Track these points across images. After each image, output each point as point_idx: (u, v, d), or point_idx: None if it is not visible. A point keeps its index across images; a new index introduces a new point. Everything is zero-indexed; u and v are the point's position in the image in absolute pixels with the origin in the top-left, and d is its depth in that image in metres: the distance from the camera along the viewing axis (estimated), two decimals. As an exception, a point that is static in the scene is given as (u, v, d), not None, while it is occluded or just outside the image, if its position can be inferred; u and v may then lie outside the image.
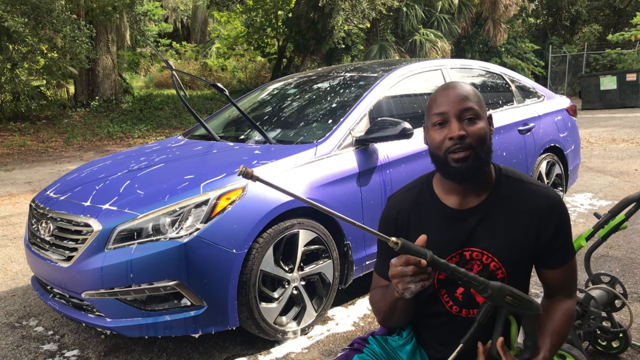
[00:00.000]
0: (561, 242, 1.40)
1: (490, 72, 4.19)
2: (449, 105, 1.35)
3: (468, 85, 1.40)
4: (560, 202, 1.40)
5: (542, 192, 1.40)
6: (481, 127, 1.34)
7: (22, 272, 3.79)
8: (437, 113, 1.36)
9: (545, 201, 1.39)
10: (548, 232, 1.38)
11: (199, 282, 2.29)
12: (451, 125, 1.34)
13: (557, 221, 1.38)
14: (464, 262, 1.41)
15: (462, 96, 1.35)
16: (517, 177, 1.44)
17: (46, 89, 14.38)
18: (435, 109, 1.37)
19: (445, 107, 1.35)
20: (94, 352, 2.61)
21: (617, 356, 2.30)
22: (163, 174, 2.70)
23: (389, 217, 1.50)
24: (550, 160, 4.25)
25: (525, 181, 1.43)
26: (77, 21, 11.67)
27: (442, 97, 1.37)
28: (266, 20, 16.73)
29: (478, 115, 1.35)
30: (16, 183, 7.42)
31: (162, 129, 13.12)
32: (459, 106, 1.34)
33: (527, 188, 1.41)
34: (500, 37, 19.95)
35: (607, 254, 3.61)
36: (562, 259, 1.41)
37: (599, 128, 10.83)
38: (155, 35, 22.82)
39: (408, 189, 1.52)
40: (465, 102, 1.34)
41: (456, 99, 1.35)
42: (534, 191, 1.41)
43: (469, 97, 1.36)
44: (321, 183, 2.69)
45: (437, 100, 1.38)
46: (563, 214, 1.40)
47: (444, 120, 1.35)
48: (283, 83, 4.02)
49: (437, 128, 1.36)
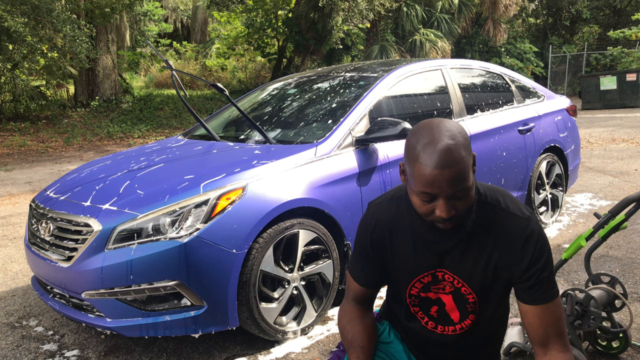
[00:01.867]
0: (537, 278, 1.31)
1: (490, 72, 4.19)
2: (440, 189, 1.18)
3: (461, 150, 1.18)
4: (538, 235, 1.31)
5: (519, 222, 1.32)
6: (471, 197, 1.24)
7: (22, 272, 3.79)
8: (425, 192, 1.20)
9: (520, 232, 1.31)
10: (522, 265, 1.31)
11: (199, 282, 2.29)
12: (440, 205, 1.21)
13: (531, 254, 1.30)
14: (436, 282, 1.41)
15: (456, 178, 1.17)
16: (495, 202, 1.34)
17: (46, 89, 14.38)
18: (423, 186, 1.19)
19: (435, 189, 1.19)
20: (94, 352, 2.61)
21: (617, 356, 2.30)
22: (163, 174, 2.70)
23: (367, 226, 1.47)
24: (550, 160, 4.25)
25: (504, 209, 1.33)
26: (77, 21, 11.67)
27: (434, 176, 1.17)
28: (266, 20, 16.73)
29: (469, 188, 1.21)
30: (16, 183, 7.42)
31: (162, 129, 13.12)
32: (452, 190, 1.18)
33: (504, 217, 1.33)
34: (500, 37, 19.96)
35: (607, 254, 3.61)
36: (538, 296, 1.32)
37: (599, 128, 10.83)
38: (155, 35, 22.83)
39: (389, 199, 1.47)
40: (459, 184, 1.18)
41: (450, 183, 1.17)
42: (510, 221, 1.32)
43: (462, 175, 1.18)
44: (321, 183, 2.69)
45: (426, 176, 1.18)
46: (539, 248, 1.31)
47: (431, 198, 1.22)
48: (283, 83, 4.02)
49: (423, 200, 1.23)
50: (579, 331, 2.17)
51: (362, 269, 1.50)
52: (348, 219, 2.77)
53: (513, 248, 1.32)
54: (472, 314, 1.41)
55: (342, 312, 1.52)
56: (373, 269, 1.48)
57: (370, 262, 1.48)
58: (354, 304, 1.52)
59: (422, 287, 1.43)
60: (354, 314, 1.49)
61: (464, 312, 1.42)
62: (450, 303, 1.42)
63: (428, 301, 1.45)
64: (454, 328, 1.45)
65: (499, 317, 1.47)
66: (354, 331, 1.45)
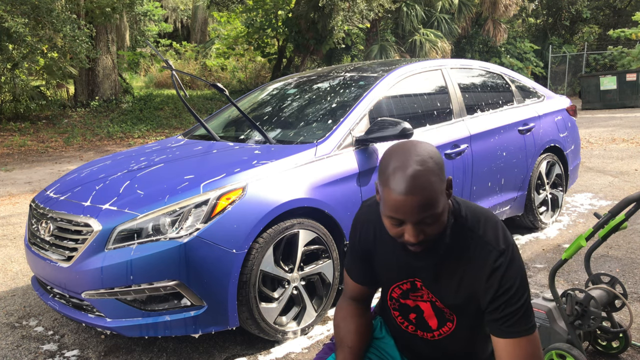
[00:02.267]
0: (504, 311, 1.24)
1: (490, 72, 4.19)
2: (406, 215, 1.16)
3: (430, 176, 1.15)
4: (506, 268, 1.25)
5: (490, 253, 1.26)
6: (441, 223, 1.21)
7: (22, 272, 3.79)
8: (393, 217, 1.19)
9: (490, 264, 1.26)
10: (487, 296, 1.26)
11: (199, 282, 2.29)
12: (408, 230, 1.19)
13: (497, 288, 1.25)
14: (414, 290, 1.41)
15: (423, 205, 1.15)
16: (475, 229, 1.29)
17: (46, 89, 14.37)
18: (390, 211, 1.18)
19: (403, 215, 1.17)
20: (94, 352, 2.61)
21: (617, 356, 2.30)
22: (163, 174, 2.70)
23: (356, 224, 1.50)
24: (550, 160, 4.24)
25: (480, 235, 1.28)
26: (77, 21, 11.67)
27: (400, 203, 1.15)
28: (266, 20, 16.72)
29: (439, 215, 1.18)
30: (16, 183, 7.42)
31: (162, 129, 13.12)
32: (419, 217, 1.16)
33: (478, 245, 1.28)
34: (500, 37, 19.96)
35: (607, 254, 3.61)
36: (507, 330, 1.25)
37: (599, 128, 10.83)
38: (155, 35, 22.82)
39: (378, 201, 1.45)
40: (427, 211, 1.16)
41: (416, 210, 1.15)
42: (483, 250, 1.27)
43: (430, 202, 1.15)
44: (321, 183, 2.69)
45: (393, 201, 1.16)
46: (506, 281, 1.24)
47: (399, 223, 1.20)
48: (283, 83, 4.02)
49: (393, 224, 1.22)
50: (579, 331, 2.17)
51: (354, 265, 1.52)
52: (348, 219, 2.77)
53: (480, 278, 1.27)
54: (449, 322, 1.41)
55: (338, 310, 1.53)
56: (363, 267, 1.50)
57: (360, 260, 1.50)
58: (350, 302, 1.53)
59: (402, 293, 1.43)
60: (349, 312, 1.50)
61: (442, 320, 1.42)
62: (428, 310, 1.42)
63: (407, 307, 1.45)
64: (433, 335, 1.45)
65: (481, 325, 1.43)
66: (345, 330, 1.46)
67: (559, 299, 2.14)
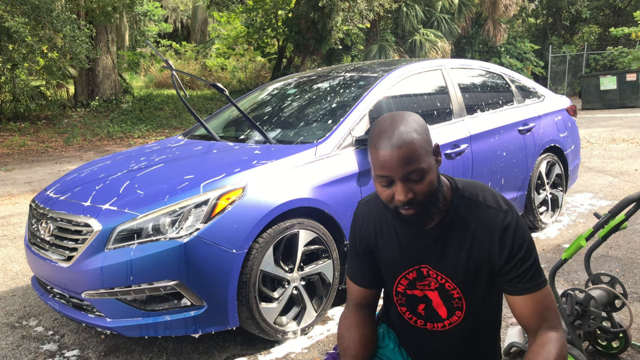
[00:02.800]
0: (520, 269, 1.31)
1: (490, 72, 4.19)
2: (393, 170, 1.23)
3: (412, 133, 1.23)
4: (515, 226, 1.31)
5: (496, 214, 1.32)
6: (429, 181, 1.25)
7: (22, 272, 3.79)
8: (381, 175, 1.25)
9: (499, 225, 1.31)
10: (502, 257, 1.31)
11: (199, 282, 2.29)
12: (397, 188, 1.25)
13: (510, 246, 1.30)
14: (421, 278, 1.42)
15: (406, 158, 1.21)
16: (474, 197, 1.36)
17: (46, 89, 14.37)
18: (378, 169, 1.25)
19: (388, 171, 1.23)
20: (94, 352, 2.61)
21: (617, 356, 2.30)
22: (163, 174, 2.70)
23: (355, 223, 1.52)
24: (550, 160, 4.25)
25: (481, 202, 1.35)
26: (77, 21, 11.67)
27: (385, 157, 1.23)
28: (266, 20, 16.72)
29: (424, 171, 1.24)
30: (16, 183, 7.42)
31: (162, 129, 13.12)
32: (404, 170, 1.22)
33: (481, 211, 1.34)
34: (500, 37, 19.95)
35: (607, 254, 3.61)
36: (523, 286, 1.31)
37: (599, 128, 10.83)
38: (155, 35, 22.82)
39: (375, 196, 1.50)
40: (411, 165, 1.22)
41: (401, 162, 1.22)
42: (488, 214, 1.33)
43: (414, 156, 1.22)
44: (321, 183, 2.69)
45: (380, 159, 1.24)
46: (518, 239, 1.31)
47: (389, 182, 1.26)
48: (283, 83, 4.02)
49: (383, 185, 1.27)
50: (579, 331, 2.17)
51: (356, 268, 1.52)
52: (348, 219, 2.77)
53: (492, 241, 1.32)
54: (458, 310, 1.42)
55: (342, 319, 1.52)
56: (366, 267, 1.50)
57: (362, 260, 1.50)
58: (354, 311, 1.52)
59: (408, 284, 1.44)
60: (353, 321, 1.49)
61: (451, 309, 1.42)
62: (436, 299, 1.42)
63: (414, 299, 1.45)
64: (443, 324, 1.45)
65: (489, 313, 1.46)
66: (350, 339, 1.45)
67: (559, 298, 2.14)
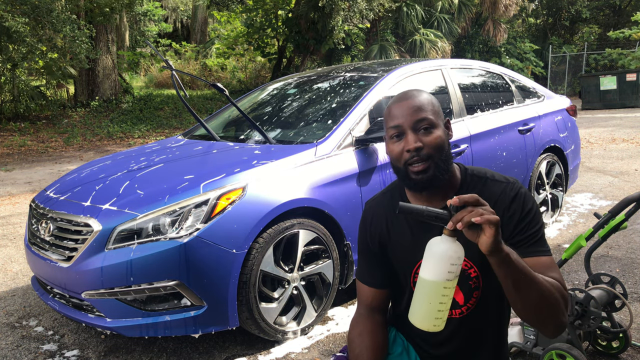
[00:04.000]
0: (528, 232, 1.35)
1: (490, 72, 4.19)
2: (403, 117, 1.34)
3: (423, 94, 1.38)
4: (523, 194, 1.39)
5: (505, 186, 1.40)
6: (437, 136, 1.34)
7: (22, 272, 3.79)
8: (392, 126, 1.36)
9: (507, 194, 1.38)
10: (512, 221, 1.36)
11: (199, 282, 2.29)
12: (407, 138, 1.34)
13: (520, 212, 1.36)
14: None
15: (415, 107, 1.34)
16: (482, 174, 1.43)
17: (46, 89, 14.36)
18: (390, 122, 1.37)
19: (399, 119, 1.35)
20: (94, 352, 2.61)
21: (617, 356, 2.30)
22: (163, 174, 2.70)
23: (365, 221, 1.54)
24: (550, 160, 4.24)
25: (490, 178, 1.42)
26: (77, 21, 11.67)
27: (397, 109, 1.36)
28: (266, 20, 16.72)
29: (433, 124, 1.34)
30: (16, 183, 7.42)
31: (162, 129, 13.12)
32: (413, 117, 1.33)
33: (491, 185, 1.41)
34: (500, 37, 19.95)
35: (607, 254, 3.61)
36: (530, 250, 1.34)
37: (599, 128, 10.83)
38: (155, 35, 22.81)
39: (383, 192, 1.55)
40: (419, 113, 1.34)
41: (410, 110, 1.34)
42: (497, 187, 1.40)
43: (422, 107, 1.35)
44: (321, 183, 2.69)
45: (392, 113, 1.37)
46: (526, 205, 1.37)
47: (399, 133, 1.35)
48: (283, 83, 4.02)
49: (394, 140, 1.37)
50: (579, 331, 2.17)
51: (366, 268, 1.51)
52: (348, 219, 2.77)
53: (502, 210, 1.37)
54: (475, 291, 1.42)
55: (354, 323, 1.50)
56: (376, 265, 1.49)
57: (374, 258, 1.50)
58: (366, 315, 1.50)
59: None
60: (366, 327, 1.47)
61: (468, 291, 1.42)
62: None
63: None
64: (461, 310, 1.44)
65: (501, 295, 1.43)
66: (362, 347, 1.43)
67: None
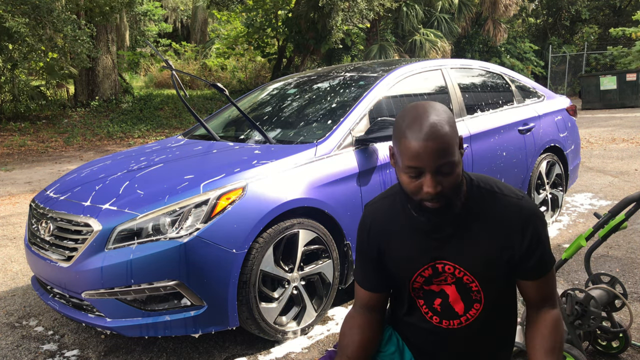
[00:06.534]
0: (538, 255, 1.34)
1: (490, 72, 4.19)
2: (426, 161, 1.22)
3: (445, 126, 1.22)
4: (534, 214, 1.34)
5: (515, 204, 1.34)
6: (457, 174, 1.26)
7: (22, 272, 3.79)
8: (412, 166, 1.23)
9: (518, 214, 1.33)
10: (522, 246, 1.33)
11: (199, 282, 2.29)
12: (427, 179, 1.24)
13: (531, 235, 1.33)
14: (436, 275, 1.40)
15: (441, 150, 1.21)
16: (489, 188, 1.37)
17: (46, 89, 14.37)
18: (408, 160, 1.23)
19: (421, 162, 1.22)
20: (94, 352, 2.61)
21: (617, 356, 2.30)
22: (163, 174, 2.70)
23: (364, 226, 1.50)
24: (550, 160, 4.25)
25: (498, 192, 1.36)
26: (78, 21, 11.67)
27: (418, 148, 1.21)
28: (266, 20, 16.72)
29: (455, 164, 1.24)
30: (16, 183, 7.42)
31: (162, 129, 13.12)
32: (437, 163, 1.22)
33: (499, 200, 1.35)
34: (500, 37, 19.96)
35: (607, 254, 3.61)
36: (539, 271, 1.36)
37: (599, 128, 10.83)
38: (155, 35, 22.82)
39: (383, 197, 1.50)
40: (444, 158, 1.22)
41: (434, 154, 1.21)
42: (506, 204, 1.34)
43: (448, 149, 1.22)
44: (321, 183, 2.69)
45: (412, 149, 1.22)
46: (538, 227, 1.34)
47: (417, 174, 1.25)
48: (283, 83, 4.02)
49: (411, 177, 1.26)
50: (579, 331, 2.17)
51: (365, 272, 1.50)
52: (348, 219, 2.77)
53: (512, 230, 1.34)
54: (476, 303, 1.40)
55: (348, 318, 1.50)
56: (374, 271, 1.48)
57: (372, 263, 1.48)
58: (361, 312, 1.50)
59: (424, 281, 1.42)
60: (357, 322, 1.47)
61: (469, 302, 1.41)
62: (454, 294, 1.41)
63: (431, 294, 1.43)
64: (459, 321, 1.43)
65: (504, 308, 1.45)
66: (349, 340, 1.44)
67: (559, 298, 2.14)
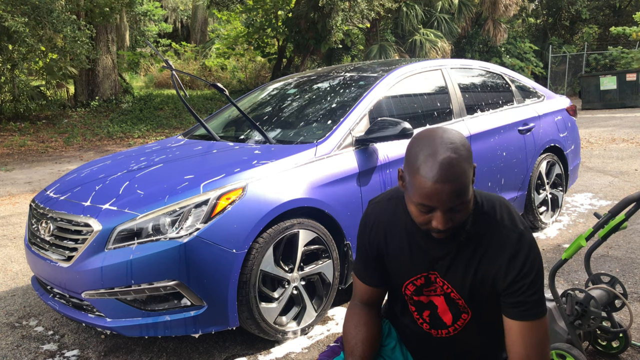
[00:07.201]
0: (520, 296, 1.28)
1: (490, 72, 4.19)
2: (439, 202, 1.17)
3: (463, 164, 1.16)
4: (528, 251, 1.29)
5: (510, 236, 1.30)
6: (468, 209, 1.23)
7: (22, 272, 3.79)
8: (424, 204, 1.19)
9: (510, 247, 1.29)
10: (506, 280, 1.29)
11: (199, 282, 2.29)
12: (437, 217, 1.20)
13: (518, 270, 1.28)
14: (428, 284, 1.41)
15: (456, 192, 1.16)
16: (494, 216, 1.32)
17: (46, 89, 14.37)
18: (421, 198, 1.18)
19: (434, 202, 1.18)
20: (94, 352, 2.61)
21: (617, 356, 2.30)
22: (163, 174, 2.70)
23: (365, 224, 1.49)
24: (550, 160, 4.24)
25: (498, 221, 1.32)
26: (78, 22, 11.67)
27: (434, 190, 1.15)
28: (266, 20, 16.72)
29: (468, 202, 1.21)
30: (16, 183, 7.42)
31: (162, 129, 13.11)
32: (451, 204, 1.18)
33: (499, 231, 1.31)
34: (500, 37, 19.94)
35: (607, 254, 3.61)
36: (522, 312, 1.29)
37: (599, 128, 10.83)
38: (155, 35, 22.82)
39: (388, 198, 1.48)
40: (458, 199, 1.17)
41: (450, 197, 1.16)
42: (502, 234, 1.31)
43: (463, 191, 1.17)
44: (321, 183, 2.69)
45: (426, 189, 1.16)
46: (527, 266, 1.28)
47: (429, 210, 1.21)
48: (283, 83, 4.02)
49: (421, 211, 1.22)
50: (579, 331, 2.17)
51: (364, 267, 1.51)
52: (348, 219, 2.77)
53: (500, 261, 1.30)
54: (464, 314, 1.41)
55: (349, 315, 1.50)
56: (374, 267, 1.49)
57: (370, 260, 1.49)
58: (361, 307, 1.50)
59: (415, 290, 1.43)
60: (361, 319, 1.47)
61: (457, 313, 1.42)
62: (442, 305, 1.42)
63: (420, 305, 1.45)
64: (448, 331, 1.45)
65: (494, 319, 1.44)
66: (357, 339, 1.43)
67: (559, 298, 2.14)
